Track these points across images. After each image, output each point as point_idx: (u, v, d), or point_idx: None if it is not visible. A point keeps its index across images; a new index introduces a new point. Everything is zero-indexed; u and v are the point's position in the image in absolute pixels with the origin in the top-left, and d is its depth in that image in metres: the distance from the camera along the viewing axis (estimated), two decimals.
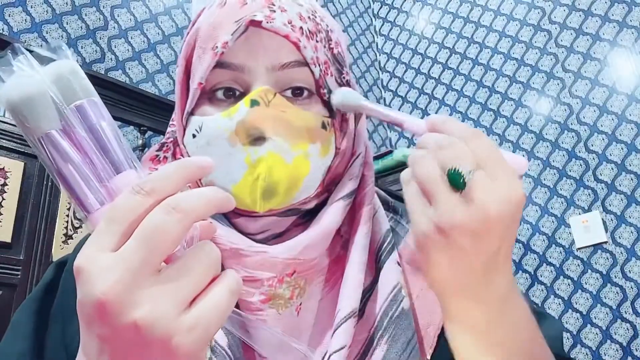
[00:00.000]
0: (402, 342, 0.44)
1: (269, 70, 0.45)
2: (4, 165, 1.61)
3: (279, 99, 0.45)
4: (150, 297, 0.25)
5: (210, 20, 0.46)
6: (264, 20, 0.45)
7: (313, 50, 0.47)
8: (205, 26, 0.47)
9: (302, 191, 0.46)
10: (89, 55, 2.30)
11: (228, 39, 0.45)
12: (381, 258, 0.49)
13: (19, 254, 1.59)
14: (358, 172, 0.51)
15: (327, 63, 0.48)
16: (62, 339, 0.47)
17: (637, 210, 2.75)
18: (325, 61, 0.48)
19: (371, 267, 0.49)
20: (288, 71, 0.46)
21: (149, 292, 0.25)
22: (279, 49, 0.46)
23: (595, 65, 3.05)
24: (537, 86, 3.21)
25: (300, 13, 0.47)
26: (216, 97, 0.47)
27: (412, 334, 0.44)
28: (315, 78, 0.47)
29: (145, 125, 2.11)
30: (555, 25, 3.24)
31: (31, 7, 2.18)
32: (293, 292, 0.45)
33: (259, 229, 0.47)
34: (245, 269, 0.43)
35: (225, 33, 0.45)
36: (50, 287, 0.51)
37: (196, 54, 0.47)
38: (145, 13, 2.57)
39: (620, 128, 2.89)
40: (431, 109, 3.60)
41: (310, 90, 0.47)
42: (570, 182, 2.97)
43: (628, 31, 2.98)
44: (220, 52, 0.45)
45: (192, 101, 0.47)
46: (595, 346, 2.68)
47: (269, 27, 0.45)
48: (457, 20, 3.62)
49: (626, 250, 2.73)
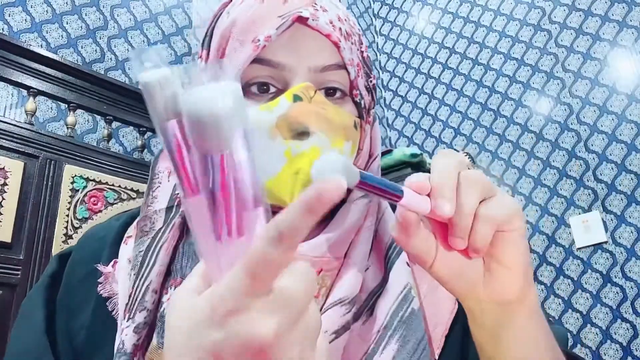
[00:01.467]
0: (413, 343, 0.44)
1: (310, 71, 0.45)
2: (4, 165, 1.61)
3: (319, 96, 0.45)
4: (294, 337, 0.25)
5: (249, 13, 0.46)
6: (310, 17, 0.45)
7: (349, 51, 0.47)
8: (243, 19, 0.46)
9: None
10: (89, 55, 2.30)
11: (272, 33, 0.44)
12: (391, 258, 0.49)
13: (19, 254, 1.59)
14: (376, 172, 0.52)
15: (359, 65, 0.49)
16: (67, 332, 0.47)
17: (637, 210, 2.75)
18: (358, 63, 0.49)
19: (381, 267, 0.49)
20: (327, 73, 0.46)
21: (295, 335, 0.25)
22: (320, 50, 0.46)
23: (595, 65, 3.05)
24: (537, 86, 3.21)
25: (339, 15, 0.48)
26: (251, 91, 0.46)
27: (422, 334, 0.45)
28: (350, 79, 0.48)
29: (144, 126, 2.11)
30: (555, 25, 3.24)
31: (31, 7, 2.18)
32: (319, 290, 0.44)
33: None
34: None
35: (268, 27, 0.45)
36: (55, 278, 0.51)
37: (231, 46, 0.46)
38: (145, 13, 2.57)
39: (620, 128, 2.89)
40: (431, 109, 3.60)
41: (344, 91, 0.48)
42: (570, 182, 2.97)
43: (628, 31, 2.98)
44: (263, 46, 0.44)
45: None
46: (595, 346, 2.68)
47: (314, 25, 0.45)
48: (457, 20, 3.62)
49: (626, 250, 2.73)
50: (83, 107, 1.95)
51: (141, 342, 0.42)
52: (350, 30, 0.49)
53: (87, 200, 1.78)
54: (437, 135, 3.52)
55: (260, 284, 0.24)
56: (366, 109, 0.50)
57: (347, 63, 0.47)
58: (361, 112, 0.49)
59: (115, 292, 0.46)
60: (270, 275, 0.25)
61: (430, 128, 3.57)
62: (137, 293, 0.44)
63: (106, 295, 0.47)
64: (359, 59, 0.49)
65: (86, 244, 0.52)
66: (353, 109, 0.49)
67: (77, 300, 0.48)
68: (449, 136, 3.46)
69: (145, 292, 0.44)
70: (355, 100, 0.49)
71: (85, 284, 0.48)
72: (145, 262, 0.45)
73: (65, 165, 1.76)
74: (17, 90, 2.05)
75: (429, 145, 3.53)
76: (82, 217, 1.75)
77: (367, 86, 0.50)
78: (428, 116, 3.61)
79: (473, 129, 3.38)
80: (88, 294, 0.47)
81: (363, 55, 0.50)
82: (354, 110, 0.49)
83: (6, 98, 2.07)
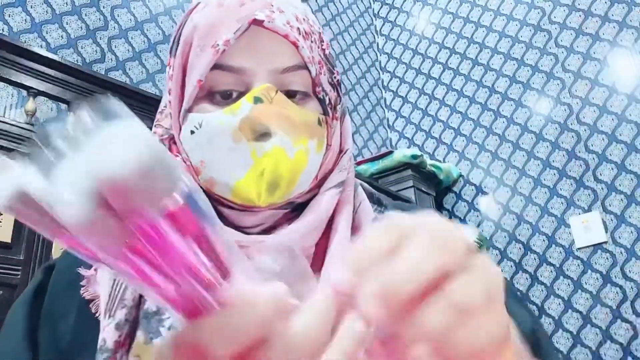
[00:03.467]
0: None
1: (270, 73, 0.46)
2: None
3: (280, 96, 0.46)
4: None
5: (209, 19, 0.47)
6: (266, 19, 0.45)
7: (309, 50, 0.48)
8: (203, 24, 0.47)
9: (299, 185, 0.47)
10: (89, 56, 2.31)
11: (230, 37, 0.45)
12: None
13: (19, 254, 1.59)
14: (347, 165, 0.53)
15: (320, 63, 0.50)
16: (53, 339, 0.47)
17: (637, 210, 2.75)
18: (319, 61, 0.49)
19: None
20: (287, 75, 0.47)
21: None
22: (279, 52, 0.46)
23: (595, 65, 3.05)
24: (537, 86, 3.21)
25: (296, 14, 0.49)
26: (215, 98, 0.47)
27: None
28: (312, 77, 0.48)
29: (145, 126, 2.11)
30: (555, 26, 3.24)
31: (31, 7, 2.18)
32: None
33: (256, 222, 0.48)
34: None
35: (226, 31, 0.45)
36: (39, 289, 0.51)
37: (194, 52, 0.47)
38: (146, 13, 2.58)
39: (620, 128, 2.89)
40: (431, 109, 3.60)
41: (305, 92, 0.49)
42: (570, 182, 2.97)
43: (628, 31, 2.98)
44: (222, 50, 0.45)
45: (190, 98, 0.47)
46: (595, 346, 2.68)
47: (270, 26, 0.46)
48: (457, 21, 3.62)
49: (626, 250, 2.73)
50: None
51: (123, 338, 0.43)
52: (309, 29, 0.49)
53: None
54: (438, 136, 3.52)
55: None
56: (332, 104, 0.51)
57: (307, 61, 0.47)
58: (325, 109, 0.50)
59: (98, 294, 0.47)
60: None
61: (430, 129, 3.57)
62: (117, 291, 0.45)
63: (89, 297, 0.47)
64: (320, 57, 0.50)
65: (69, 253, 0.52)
66: (317, 106, 0.49)
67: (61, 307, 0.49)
68: (450, 137, 3.46)
69: (124, 290, 0.44)
70: (319, 97, 0.49)
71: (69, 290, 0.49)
72: None
73: None
74: (17, 91, 2.05)
75: (429, 146, 3.53)
76: None
77: (331, 82, 0.51)
78: (428, 117, 3.61)
79: (473, 129, 3.38)
80: (72, 300, 0.48)
81: (325, 52, 0.51)
82: (318, 107, 0.49)
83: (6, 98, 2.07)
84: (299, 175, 0.47)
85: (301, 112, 0.47)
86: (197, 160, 0.47)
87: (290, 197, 0.48)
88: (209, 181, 0.47)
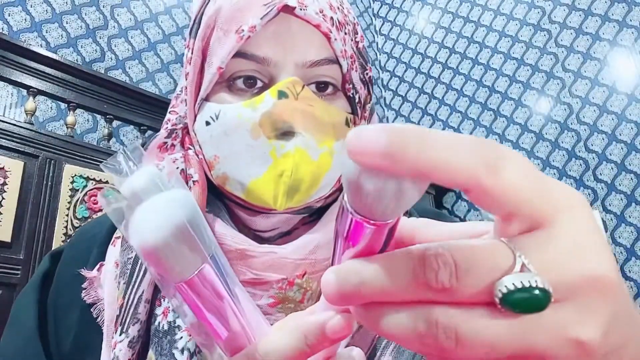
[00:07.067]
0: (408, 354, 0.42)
1: (297, 66, 0.42)
2: (4, 165, 1.61)
3: (307, 92, 0.42)
4: None
5: (235, 1, 0.43)
6: (298, 6, 0.41)
7: (342, 42, 0.44)
8: (228, 7, 0.43)
9: (321, 189, 0.44)
10: (89, 55, 2.31)
11: (256, 22, 0.41)
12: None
13: (19, 254, 1.59)
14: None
15: (353, 57, 0.46)
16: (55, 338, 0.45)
17: (637, 210, 2.75)
18: (351, 55, 0.45)
19: None
20: (316, 68, 0.43)
21: None
22: (308, 43, 0.42)
23: (595, 65, 3.05)
24: (537, 86, 3.21)
25: (331, 2, 0.45)
26: (236, 85, 0.43)
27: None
28: (342, 73, 0.44)
29: (145, 125, 2.11)
30: (555, 25, 3.24)
31: (31, 6, 2.18)
32: (304, 295, 0.42)
33: (271, 226, 0.45)
34: (252, 271, 0.41)
35: (252, 16, 0.41)
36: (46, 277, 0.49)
37: (215, 36, 0.43)
38: (146, 12, 2.57)
39: (620, 128, 2.89)
40: (431, 109, 3.60)
41: (335, 86, 0.45)
42: (570, 182, 2.97)
43: (628, 31, 2.98)
44: (247, 37, 0.41)
45: (208, 86, 0.43)
46: None
47: (301, 14, 0.42)
48: (457, 20, 3.62)
49: (626, 250, 2.73)
50: (83, 106, 1.95)
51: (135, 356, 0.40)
52: (343, 20, 0.45)
53: (87, 199, 1.78)
54: None
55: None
56: (361, 103, 0.47)
57: (339, 55, 0.43)
58: (354, 108, 0.46)
59: (101, 297, 0.45)
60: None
61: (430, 128, 3.57)
62: (130, 304, 0.41)
63: (90, 301, 0.45)
64: (352, 50, 0.46)
65: (77, 243, 0.50)
66: (345, 104, 0.45)
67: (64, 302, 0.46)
68: None
69: (137, 304, 0.41)
70: (348, 95, 0.45)
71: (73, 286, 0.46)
72: (135, 272, 0.42)
73: (65, 164, 1.76)
74: (17, 90, 2.05)
75: None
76: (82, 216, 1.75)
77: (363, 79, 0.47)
78: (428, 116, 3.61)
79: (473, 129, 3.38)
80: (75, 297, 0.46)
81: (358, 45, 0.47)
82: (346, 105, 0.45)
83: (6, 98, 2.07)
84: (321, 178, 0.43)
85: (328, 111, 0.43)
86: (211, 154, 0.43)
87: (310, 201, 0.44)
88: (221, 177, 0.43)
